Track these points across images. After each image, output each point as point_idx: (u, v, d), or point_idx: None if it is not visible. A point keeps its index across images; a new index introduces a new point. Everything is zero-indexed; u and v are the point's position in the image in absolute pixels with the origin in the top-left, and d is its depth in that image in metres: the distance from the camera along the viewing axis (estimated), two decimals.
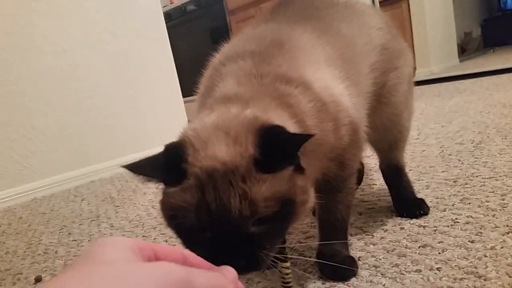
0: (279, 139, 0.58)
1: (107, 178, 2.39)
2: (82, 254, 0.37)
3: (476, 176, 1.20)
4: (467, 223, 0.93)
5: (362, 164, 1.24)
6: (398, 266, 0.81)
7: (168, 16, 4.71)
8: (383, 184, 1.18)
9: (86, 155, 2.45)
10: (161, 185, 0.61)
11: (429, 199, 1.10)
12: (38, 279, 1.11)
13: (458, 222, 0.95)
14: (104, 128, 2.52)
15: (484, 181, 1.15)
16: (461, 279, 0.73)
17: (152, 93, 2.75)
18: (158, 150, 0.60)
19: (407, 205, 1.06)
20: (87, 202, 1.89)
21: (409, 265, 0.81)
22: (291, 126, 0.65)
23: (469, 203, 1.03)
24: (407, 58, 1.05)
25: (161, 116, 2.76)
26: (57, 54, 2.35)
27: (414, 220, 1.01)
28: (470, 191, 1.11)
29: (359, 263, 0.85)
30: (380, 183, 1.30)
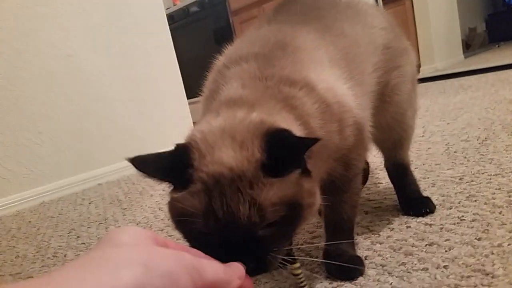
0: (286, 143, 0.58)
1: (114, 181, 2.40)
2: (103, 239, 0.40)
3: (482, 173, 1.20)
4: (473, 220, 0.93)
5: (367, 163, 1.24)
6: (405, 265, 0.81)
7: (171, 18, 4.73)
8: (389, 183, 1.18)
9: (93, 158, 2.47)
10: (168, 187, 0.61)
11: (435, 197, 1.10)
12: None
13: (464, 219, 0.95)
14: (110, 131, 2.54)
15: (490, 178, 1.15)
16: (468, 277, 0.73)
17: (157, 95, 2.76)
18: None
19: (413, 203, 1.06)
20: (95, 205, 1.91)
21: (416, 264, 0.81)
22: (296, 129, 0.65)
23: (475, 201, 1.03)
24: (410, 56, 1.05)
25: (167, 118, 2.78)
26: (62, 59, 2.37)
27: (420, 219, 1.01)
28: (476, 188, 1.11)
29: (366, 262, 0.86)
30: (385, 182, 1.30)
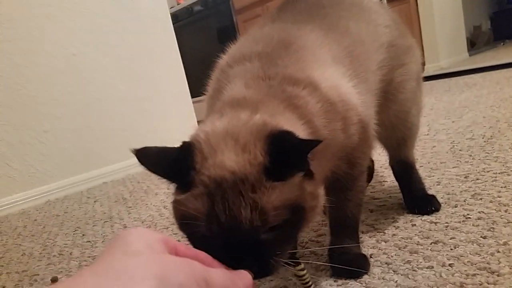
0: (288, 145, 0.57)
1: (119, 179, 2.41)
2: (109, 244, 0.40)
3: (488, 171, 1.20)
4: (479, 218, 0.93)
5: (372, 161, 1.24)
6: (410, 263, 0.81)
7: (175, 17, 4.73)
8: (394, 181, 1.18)
9: (98, 157, 2.48)
10: (172, 187, 0.61)
11: (440, 195, 1.10)
12: (54, 280, 1.13)
13: (469, 218, 0.95)
14: (114, 130, 2.55)
15: (495, 176, 1.15)
16: (473, 275, 0.72)
17: (161, 94, 2.77)
18: None
19: (418, 201, 1.06)
20: (100, 203, 1.92)
21: (421, 262, 0.81)
22: (299, 128, 0.65)
23: (480, 199, 1.03)
24: (415, 54, 1.04)
25: (171, 116, 2.79)
26: (67, 58, 2.39)
27: (425, 217, 1.01)
28: (482, 186, 1.10)
29: (371, 261, 0.85)
30: (390, 180, 1.30)
